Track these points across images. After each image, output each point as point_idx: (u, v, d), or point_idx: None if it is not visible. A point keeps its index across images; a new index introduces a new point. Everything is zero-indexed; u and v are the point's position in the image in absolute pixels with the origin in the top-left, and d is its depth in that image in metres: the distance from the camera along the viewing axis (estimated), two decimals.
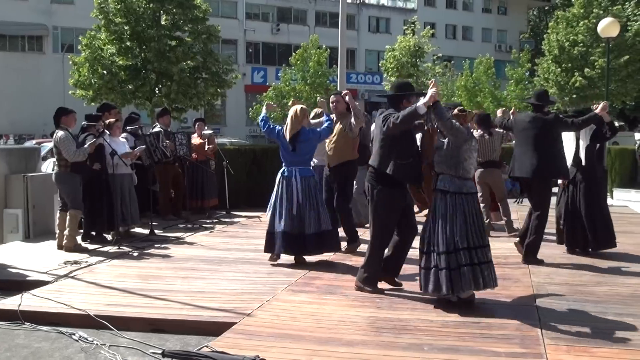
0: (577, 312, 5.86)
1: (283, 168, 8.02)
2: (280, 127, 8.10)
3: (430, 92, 5.94)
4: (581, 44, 36.76)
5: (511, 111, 9.67)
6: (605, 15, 31.08)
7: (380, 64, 42.21)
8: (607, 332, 5.26)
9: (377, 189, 6.45)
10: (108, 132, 9.60)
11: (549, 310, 5.91)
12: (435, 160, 6.31)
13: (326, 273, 7.48)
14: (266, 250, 8.08)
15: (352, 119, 8.52)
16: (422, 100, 6.02)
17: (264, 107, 8.80)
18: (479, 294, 6.48)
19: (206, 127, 13.31)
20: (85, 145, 9.02)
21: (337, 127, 8.79)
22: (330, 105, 9.09)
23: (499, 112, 8.85)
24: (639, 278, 7.26)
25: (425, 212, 9.05)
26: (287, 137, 7.86)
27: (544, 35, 41.43)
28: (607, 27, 18.35)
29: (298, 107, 7.98)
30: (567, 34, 37.53)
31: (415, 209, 9.58)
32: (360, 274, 6.74)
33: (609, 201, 15.52)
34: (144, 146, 10.71)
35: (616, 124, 8.76)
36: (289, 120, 7.88)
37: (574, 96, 35.63)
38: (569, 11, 39.10)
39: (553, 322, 5.56)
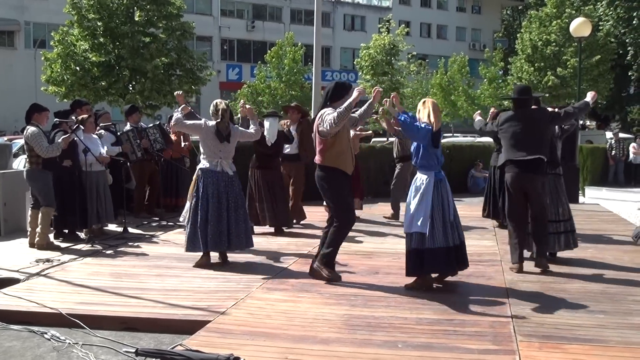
0: (549, 309, 5.92)
1: None
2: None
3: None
4: (554, 44, 37.18)
5: (491, 110, 9.74)
6: (577, 15, 31.46)
7: (355, 62, 42.21)
8: (579, 329, 5.31)
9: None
10: (82, 128, 9.49)
11: (522, 308, 5.96)
12: None
13: (301, 271, 7.48)
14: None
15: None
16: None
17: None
18: (452, 292, 6.54)
19: None
20: (59, 140, 8.91)
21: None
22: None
23: (476, 116, 8.73)
24: (609, 275, 7.35)
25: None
26: None
27: (518, 35, 41.87)
28: (579, 27, 18.51)
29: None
30: (540, 34, 37.92)
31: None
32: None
33: (581, 199, 15.74)
34: (117, 148, 10.61)
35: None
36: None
37: (547, 95, 35.97)
38: (542, 11, 39.50)
39: (525, 319, 5.61)
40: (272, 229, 10.32)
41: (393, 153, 12.15)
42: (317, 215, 11.11)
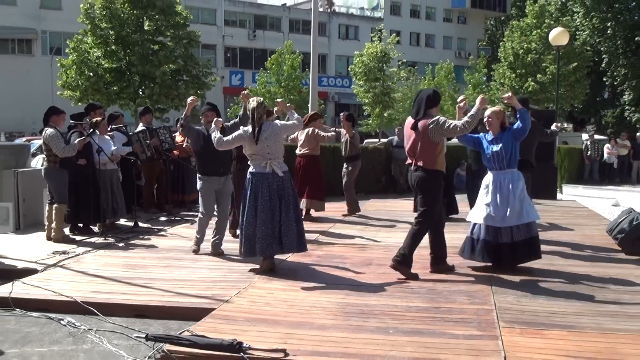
0: (530, 298, 5.93)
1: None
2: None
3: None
4: (534, 52, 37.21)
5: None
6: (556, 25, 31.47)
7: (349, 69, 42.14)
8: (557, 316, 5.33)
9: None
10: (98, 133, 9.47)
11: (504, 297, 5.97)
12: None
13: (299, 262, 7.48)
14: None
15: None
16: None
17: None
18: (440, 281, 6.55)
19: None
20: (75, 142, 8.91)
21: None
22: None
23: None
24: (585, 266, 7.35)
25: None
26: None
27: (500, 43, 41.89)
28: (558, 36, 18.54)
29: None
30: (521, 42, 37.94)
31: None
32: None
33: (559, 196, 15.77)
34: (128, 148, 10.60)
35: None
36: None
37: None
38: (523, 21, 39.53)
39: (508, 307, 5.62)
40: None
41: (342, 153, 11.73)
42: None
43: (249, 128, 6.94)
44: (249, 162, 7.12)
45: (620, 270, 7.13)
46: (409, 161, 7.09)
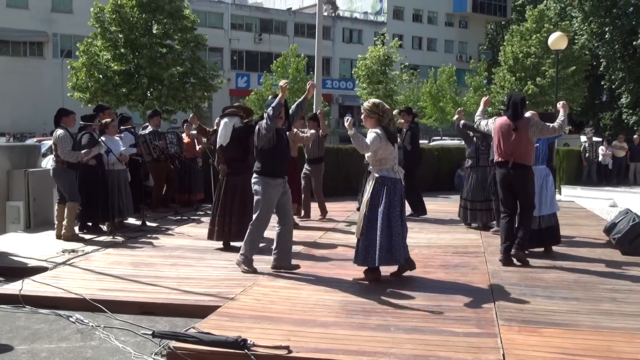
0: (528, 297, 5.92)
1: None
2: None
3: None
4: (533, 56, 37.21)
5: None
6: (555, 30, 31.44)
7: (353, 72, 42.24)
8: (554, 314, 5.32)
9: None
10: (103, 139, 9.48)
11: (503, 295, 5.96)
12: None
13: (302, 261, 7.48)
14: None
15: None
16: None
17: None
18: (440, 280, 6.55)
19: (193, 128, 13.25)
20: (81, 152, 8.90)
21: None
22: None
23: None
24: (583, 266, 7.35)
25: None
26: None
27: (501, 47, 41.91)
28: (557, 40, 18.51)
29: None
30: (521, 46, 37.95)
31: None
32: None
33: (558, 197, 15.74)
34: (134, 149, 10.61)
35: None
36: None
37: (527, 102, 36.05)
38: (522, 26, 39.54)
39: (506, 305, 5.62)
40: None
41: (307, 154, 10.98)
42: (315, 211, 11.14)
43: (379, 131, 6.29)
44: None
45: (616, 270, 7.13)
46: (498, 159, 7.44)
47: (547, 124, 7.30)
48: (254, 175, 6.90)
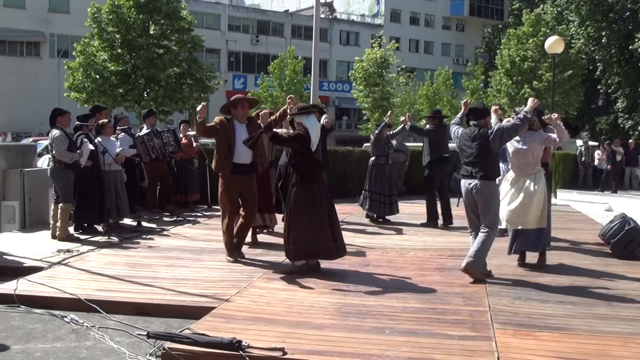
0: (523, 300, 5.93)
1: None
2: None
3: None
4: (530, 59, 37.24)
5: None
6: (551, 33, 31.49)
7: (349, 74, 42.29)
8: (549, 318, 5.33)
9: None
10: (100, 139, 9.47)
11: (498, 299, 5.97)
12: None
13: None
14: None
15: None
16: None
17: None
18: (435, 283, 6.54)
19: (190, 129, 13.25)
20: (75, 153, 8.90)
21: None
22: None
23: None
24: (577, 269, 7.36)
25: None
26: None
27: (497, 51, 41.91)
28: (553, 44, 18.52)
29: None
30: (517, 50, 37.98)
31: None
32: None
33: (553, 201, 15.77)
34: (133, 150, 10.59)
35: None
36: None
37: (523, 106, 36.10)
38: (519, 29, 39.55)
39: (502, 309, 5.62)
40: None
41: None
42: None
43: None
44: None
45: (611, 274, 7.13)
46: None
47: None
48: None
